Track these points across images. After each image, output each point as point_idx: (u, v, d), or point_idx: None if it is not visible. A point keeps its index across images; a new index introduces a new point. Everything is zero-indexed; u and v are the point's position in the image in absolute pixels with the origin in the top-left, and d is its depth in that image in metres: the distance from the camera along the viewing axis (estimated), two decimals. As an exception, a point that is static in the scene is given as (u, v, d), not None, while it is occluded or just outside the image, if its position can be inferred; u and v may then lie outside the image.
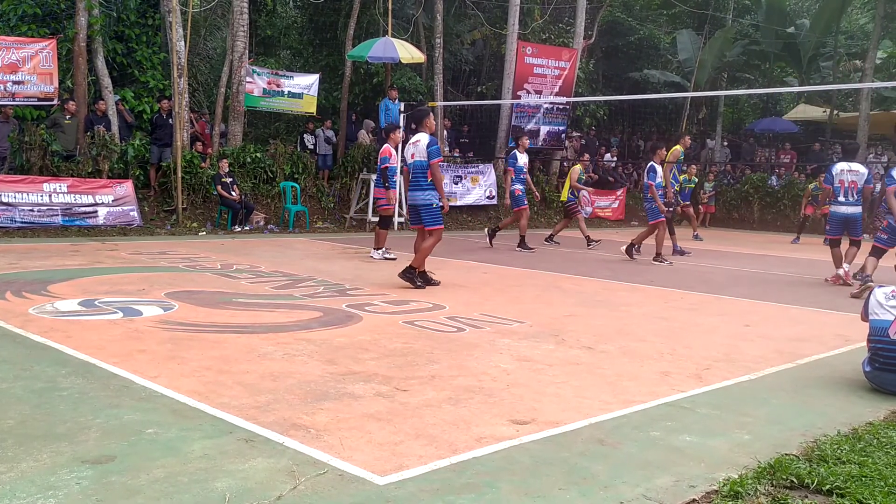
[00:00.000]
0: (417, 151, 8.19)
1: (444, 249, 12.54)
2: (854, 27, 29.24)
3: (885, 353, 4.71)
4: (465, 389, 4.49)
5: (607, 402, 4.35)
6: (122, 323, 5.95)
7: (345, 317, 6.56)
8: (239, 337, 5.65)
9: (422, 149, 8.13)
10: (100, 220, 13.11)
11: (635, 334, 6.30)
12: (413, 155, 8.24)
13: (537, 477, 3.25)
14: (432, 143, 8.12)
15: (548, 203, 20.04)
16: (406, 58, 16.02)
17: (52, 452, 3.30)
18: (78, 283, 7.74)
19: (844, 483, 3.23)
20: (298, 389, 4.36)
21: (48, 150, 13.16)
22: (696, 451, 3.64)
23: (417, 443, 3.58)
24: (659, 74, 24.35)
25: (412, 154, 8.26)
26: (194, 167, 14.50)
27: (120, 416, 3.80)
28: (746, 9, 26.64)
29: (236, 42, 15.49)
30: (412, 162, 8.25)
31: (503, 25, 19.95)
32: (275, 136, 18.28)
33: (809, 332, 6.73)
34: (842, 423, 4.12)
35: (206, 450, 3.40)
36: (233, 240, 12.71)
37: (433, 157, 8.09)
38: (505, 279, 9.41)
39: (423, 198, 8.22)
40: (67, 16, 14.56)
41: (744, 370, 5.23)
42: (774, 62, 26.23)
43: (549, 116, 19.76)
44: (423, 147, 8.12)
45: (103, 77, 14.41)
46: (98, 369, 4.64)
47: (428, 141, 8.13)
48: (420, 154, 8.16)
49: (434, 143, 8.13)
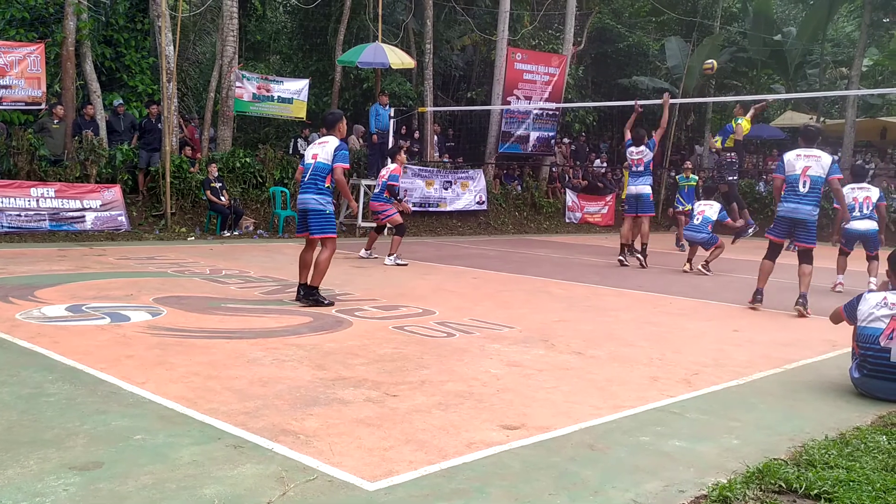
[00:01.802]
0: (322, 153, 7.44)
1: (433, 255, 12.56)
2: (840, 35, 29.49)
3: (873, 361, 4.75)
4: (455, 395, 4.48)
5: (597, 407, 4.36)
6: (110, 328, 5.92)
7: (334, 322, 6.54)
8: (228, 342, 5.63)
9: (329, 150, 7.41)
10: (87, 225, 13.04)
11: (625, 339, 6.31)
12: (315, 156, 7.48)
13: (527, 482, 3.25)
14: (342, 148, 7.44)
15: (537, 209, 20.09)
16: (396, 63, 16.04)
17: (40, 459, 3.28)
18: (65, 288, 7.69)
19: (832, 488, 3.24)
20: (288, 395, 4.34)
21: (36, 154, 13.09)
22: (685, 456, 3.65)
23: (407, 448, 3.57)
24: (648, 81, 24.48)
25: (314, 154, 7.51)
26: (183, 172, 14.45)
27: (107, 423, 3.78)
28: (734, 16, 26.84)
29: (226, 47, 15.46)
30: (312, 163, 7.47)
31: (493, 31, 20.01)
32: (264, 140, 18.25)
33: (797, 337, 6.77)
34: (829, 427, 4.15)
35: (195, 456, 3.38)
36: (222, 245, 12.66)
37: (338, 161, 7.36)
38: (494, 284, 9.42)
39: (315, 202, 7.37)
40: (56, 20, 14.50)
41: (732, 375, 5.25)
42: (762, 69, 26.41)
43: (538, 122, 19.82)
44: (331, 149, 7.41)
45: (91, 82, 14.35)
46: (85, 375, 4.61)
47: (337, 144, 7.44)
48: (325, 156, 7.41)
49: (344, 149, 7.46)
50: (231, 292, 7.88)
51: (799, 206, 7.78)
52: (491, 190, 19.00)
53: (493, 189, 19.22)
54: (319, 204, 7.36)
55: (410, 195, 17.38)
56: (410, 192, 17.38)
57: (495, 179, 19.72)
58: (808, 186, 7.71)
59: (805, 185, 7.71)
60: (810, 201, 7.76)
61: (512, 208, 19.67)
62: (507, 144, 19.45)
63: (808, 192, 7.74)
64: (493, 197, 19.06)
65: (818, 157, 7.77)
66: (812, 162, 7.74)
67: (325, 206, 7.38)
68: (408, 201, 17.29)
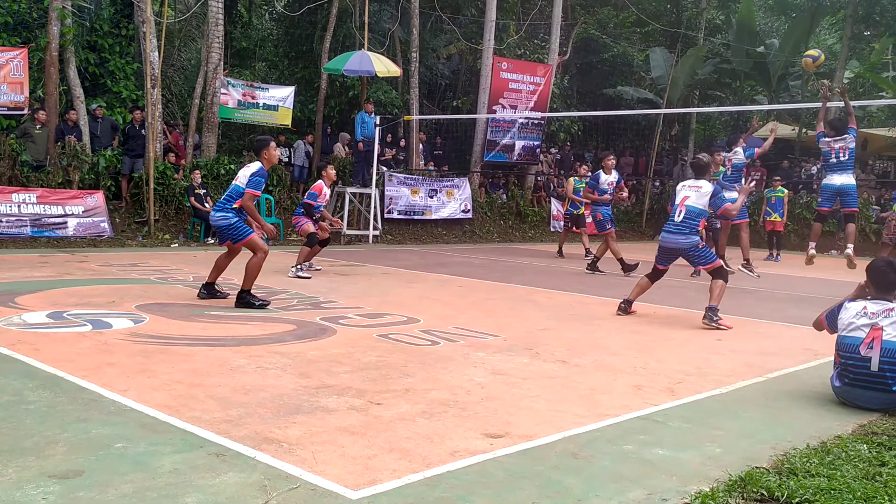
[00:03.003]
0: (242, 175, 7.64)
1: (418, 263, 12.55)
2: (822, 48, 29.81)
3: (854, 370, 4.79)
4: (439, 403, 4.48)
5: (581, 416, 4.37)
6: (92, 335, 5.87)
7: (319, 330, 6.52)
8: (211, 350, 5.60)
9: (247, 174, 7.55)
10: (70, 232, 12.94)
11: (609, 348, 6.33)
12: (238, 178, 7.71)
13: (511, 491, 3.25)
14: (258, 174, 7.52)
15: (522, 217, 20.14)
16: (382, 71, 16.07)
17: (19, 467, 3.24)
18: (46, 295, 7.62)
19: (813, 496, 3.27)
20: (271, 403, 4.32)
21: (18, 159, 12.98)
22: (668, 465, 3.66)
23: (391, 456, 3.56)
24: (632, 91, 24.65)
25: (237, 176, 7.74)
26: (167, 178, 14.38)
27: (88, 430, 3.74)
28: (718, 28, 27.09)
29: (211, 53, 15.42)
30: (234, 183, 7.73)
31: (479, 41, 20.09)
32: (249, 148, 18.18)
33: (778, 346, 6.82)
34: (811, 436, 4.18)
35: (176, 464, 3.35)
36: (206, 252, 12.59)
37: (250, 188, 7.49)
38: (479, 292, 9.43)
39: (220, 218, 7.64)
40: (39, 25, 14.41)
41: (715, 384, 5.28)
42: (745, 81, 26.66)
43: (524, 131, 19.89)
44: (248, 174, 7.55)
45: (75, 87, 14.25)
46: (66, 382, 4.56)
47: (256, 170, 7.54)
48: (242, 179, 7.59)
49: (260, 175, 7.53)
50: (214, 300, 7.84)
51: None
52: (476, 198, 19.03)
53: (479, 197, 19.25)
54: (225, 220, 7.64)
55: (396, 203, 17.39)
56: (396, 200, 17.38)
57: (480, 188, 19.76)
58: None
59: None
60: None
61: (497, 217, 19.71)
62: (493, 153, 19.50)
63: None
64: (478, 205, 19.09)
65: (699, 189, 7.84)
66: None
67: (229, 219, 7.62)
68: (393, 209, 17.31)
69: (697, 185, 7.90)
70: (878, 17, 22.54)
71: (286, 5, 21.43)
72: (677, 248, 7.85)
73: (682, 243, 7.80)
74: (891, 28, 22.74)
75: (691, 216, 7.76)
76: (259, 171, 7.56)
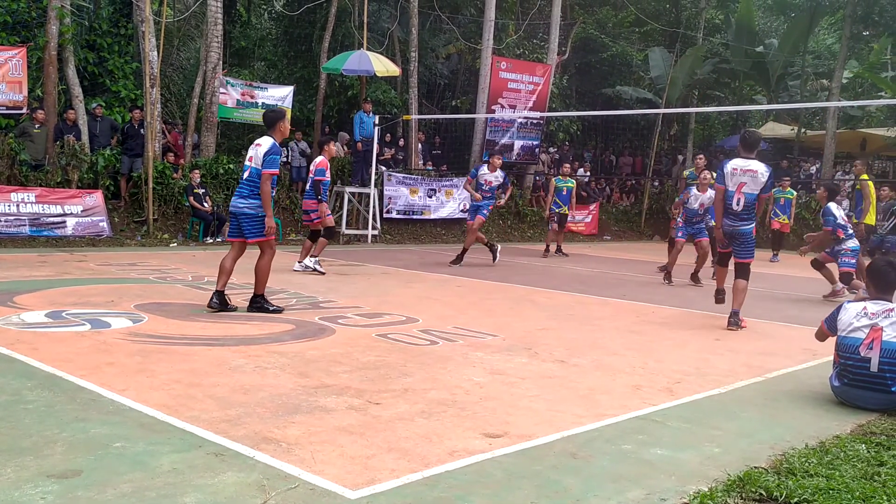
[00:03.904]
0: (255, 156, 7.13)
1: (417, 263, 12.55)
2: (821, 47, 29.87)
3: (854, 370, 4.79)
4: (437, 403, 4.48)
5: (580, 416, 4.37)
6: (90, 335, 5.86)
7: (317, 329, 6.52)
8: (210, 349, 5.59)
9: (260, 154, 7.08)
10: (68, 231, 12.92)
11: (608, 348, 6.34)
12: (251, 158, 7.20)
13: (510, 490, 3.25)
14: (271, 152, 7.06)
15: (521, 217, 20.14)
16: (381, 71, 16.06)
17: (17, 467, 3.24)
18: (45, 294, 7.61)
19: (812, 496, 3.27)
20: (270, 403, 4.32)
21: (16, 159, 12.96)
22: (667, 465, 3.66)
23: (390, 456, 3.56)
24: (631, 91, 24.66)
25: (250, 157, 7.23)
26: (166, 178, 14.36)
27: (87, 430, 3.74)
28: (717, 28, 27.11)
29: (210, 53, 15.40)
30: (248, 165, 7.21)
31: (478, 40, 20.08)
32: (248, 147, 18.19)
33: (777, 346, 6.82)
34: (809, 436, 4.18)
35: (175, 464, 3.35)
36: (204, 251, 12.59)
37: (266, 167, 7.03)
38: (478, 292, 9.43)
39: (245, 206, 7.11)
40: (38, 24, 14.38)
41: (714, 384, 5.28)
42: (744, 80, 26.68)
43: (522, 131, 19.89)
44: (261, 153, 7.07)
45: (74, 86, 14.23)
46: (65, 382, 4.56)
47: (269, 148, 7.07)
48: (256, 160, 7.10)
49: (274, 152, 7.09)
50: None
51: None
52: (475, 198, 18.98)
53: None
54: (252, 209, 7.11)
55: (395, 202, 17.38)
56: (395, 200, 17.37)
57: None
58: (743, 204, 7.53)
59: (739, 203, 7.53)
60: None
61: (496, 216, 19.69)
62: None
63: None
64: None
65: (755, 173, 7.49)
66: (748, 178, 7.50)
67: (257, 210, 7.10)
68: (392, 209, 17.30)
69: (752, 168, 7.48)
70: (877, 16, 22.55)
71: (285, 5, 21.43)
72: (735, 233, 7.62)
73: (741, 229, 7.58)
74: (890, 28, 22.75)
75: (750, 203, 7.50)
76: (272, 147, 7.09)
